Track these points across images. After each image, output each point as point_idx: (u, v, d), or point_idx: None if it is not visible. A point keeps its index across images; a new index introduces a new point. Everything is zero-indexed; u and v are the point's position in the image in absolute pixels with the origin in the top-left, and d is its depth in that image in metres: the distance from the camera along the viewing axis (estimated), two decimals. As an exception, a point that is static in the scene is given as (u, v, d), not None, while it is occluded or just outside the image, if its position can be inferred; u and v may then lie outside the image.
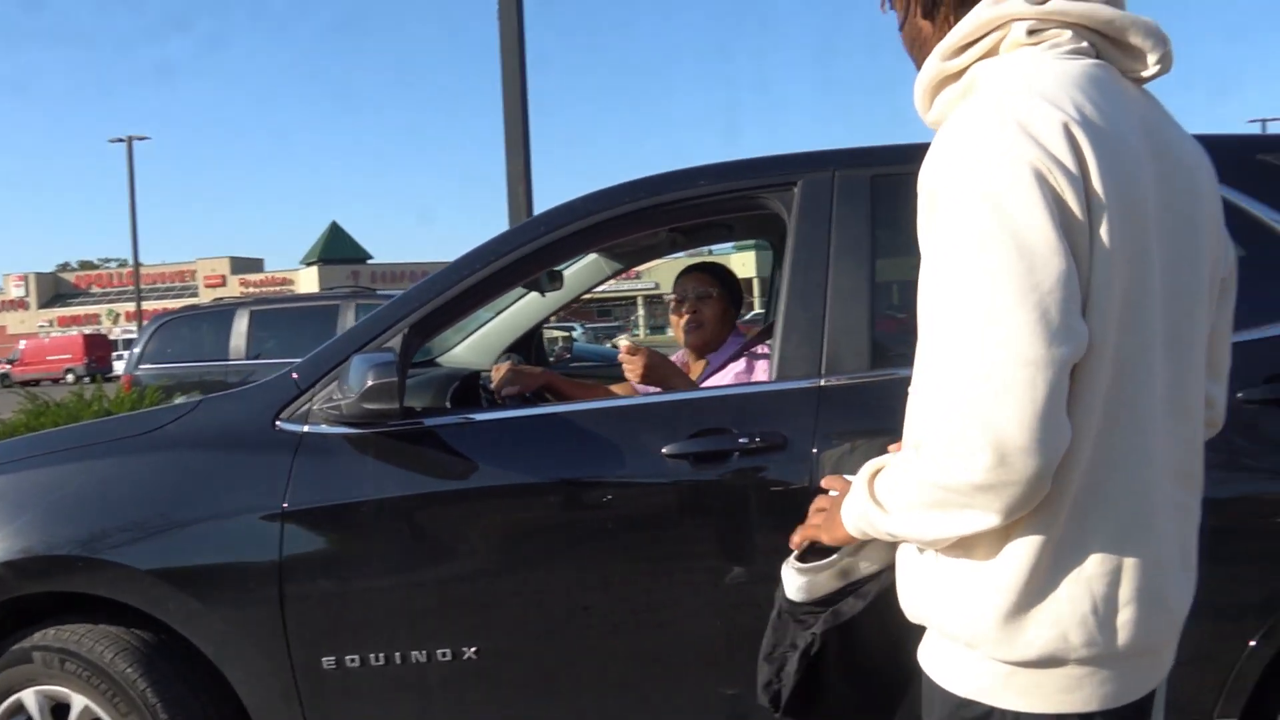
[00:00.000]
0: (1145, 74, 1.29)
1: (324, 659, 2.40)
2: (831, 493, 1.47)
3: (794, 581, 1.48)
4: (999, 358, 1.09)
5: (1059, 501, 1.18)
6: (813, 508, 1.48)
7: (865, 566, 1.45)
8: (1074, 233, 1.14)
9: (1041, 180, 1.13)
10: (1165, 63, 1.29)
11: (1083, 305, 1.14)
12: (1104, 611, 1.19)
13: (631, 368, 2.93)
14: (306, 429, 2.48)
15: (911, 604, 1.33)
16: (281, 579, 2.41)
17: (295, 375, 2.57)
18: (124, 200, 44.06)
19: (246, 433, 2.53)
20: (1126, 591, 1.20)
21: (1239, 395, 2.25)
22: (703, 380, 3.03)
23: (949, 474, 1.13)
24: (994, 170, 1.13)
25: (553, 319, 4.36)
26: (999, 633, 1.19)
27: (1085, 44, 1.26)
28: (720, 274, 3.29)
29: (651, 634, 2.39)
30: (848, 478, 1.48)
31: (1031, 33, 1.25)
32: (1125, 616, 1.20)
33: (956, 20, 1.30)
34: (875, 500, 1.26)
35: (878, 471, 1.29)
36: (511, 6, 7.47)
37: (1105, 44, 1.27)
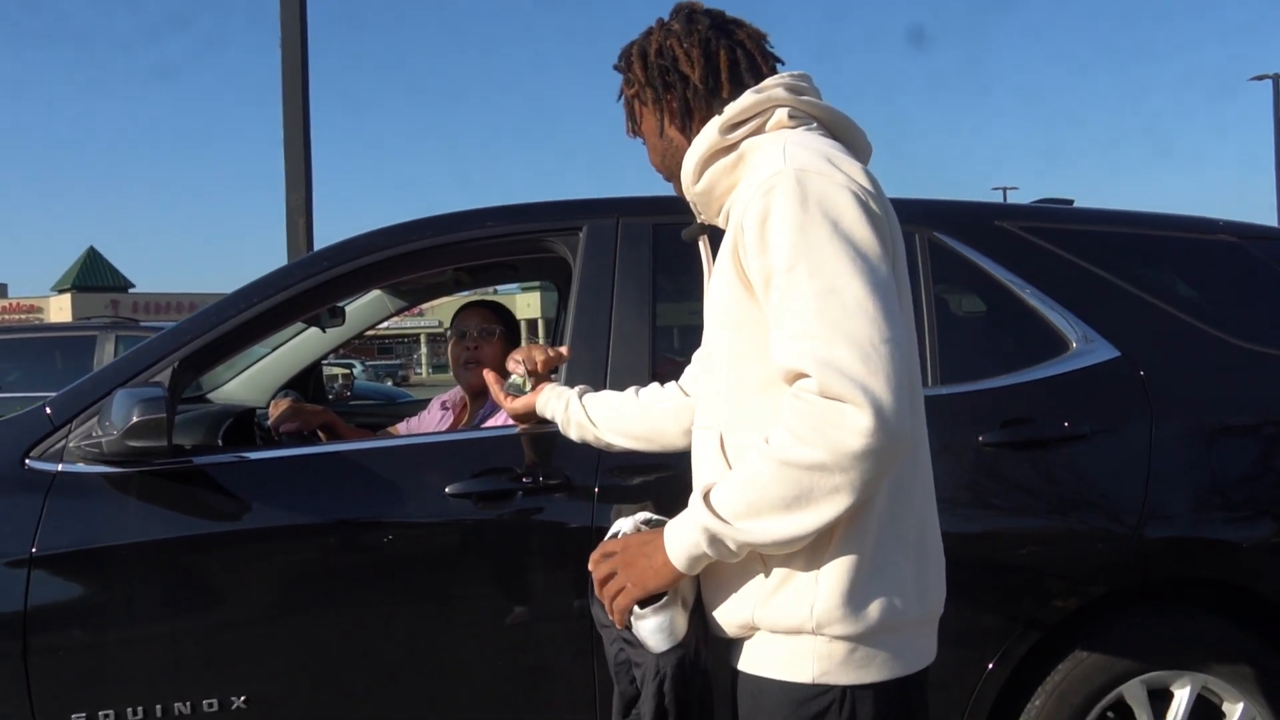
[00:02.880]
0: None
1: (73, 715, 2.24)
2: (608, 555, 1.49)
3: (652, 629, 1.44)
4: (864, 336, 1.30)
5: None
6: (600, 575, 1.49)
7: (690, 597, 1.48)
8: (886, 251, 1.39)
9: (864, 205, 1.39)
10: (869, 158, 1.61)
11: None
12: (918, 580, 1.46)
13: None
14: (60, 468, 2.33)
15: (735, 614, 1.45)
16: (26, 630, 2.23)
17: (49, 410, 2.41)
18: None
19: None
20: (929, 563, 1.49)
21: (980, 439, 2.47)
22: (482, 419, 3.03)
23: (826, 446, 1.28)
24: (827, 195, 1.37)
25: (332, 355, 4.26)
26: (842, 610, 1.39)
27: (824, 133, 1.56)
28: (501, 312, 3.30)
29: (432, 676, 2.36)
30: (620, 532, 1.53)
31: (791, 117, 1.53)
32: (931, 583, 1.50)
33: (702, 126, 1.56)
34: (719, 516, 1.36)
35: (708, 491, 1.40)
36: (294, 33, 7.26)
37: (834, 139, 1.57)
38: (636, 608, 1.45)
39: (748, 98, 1.52)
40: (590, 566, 1.53)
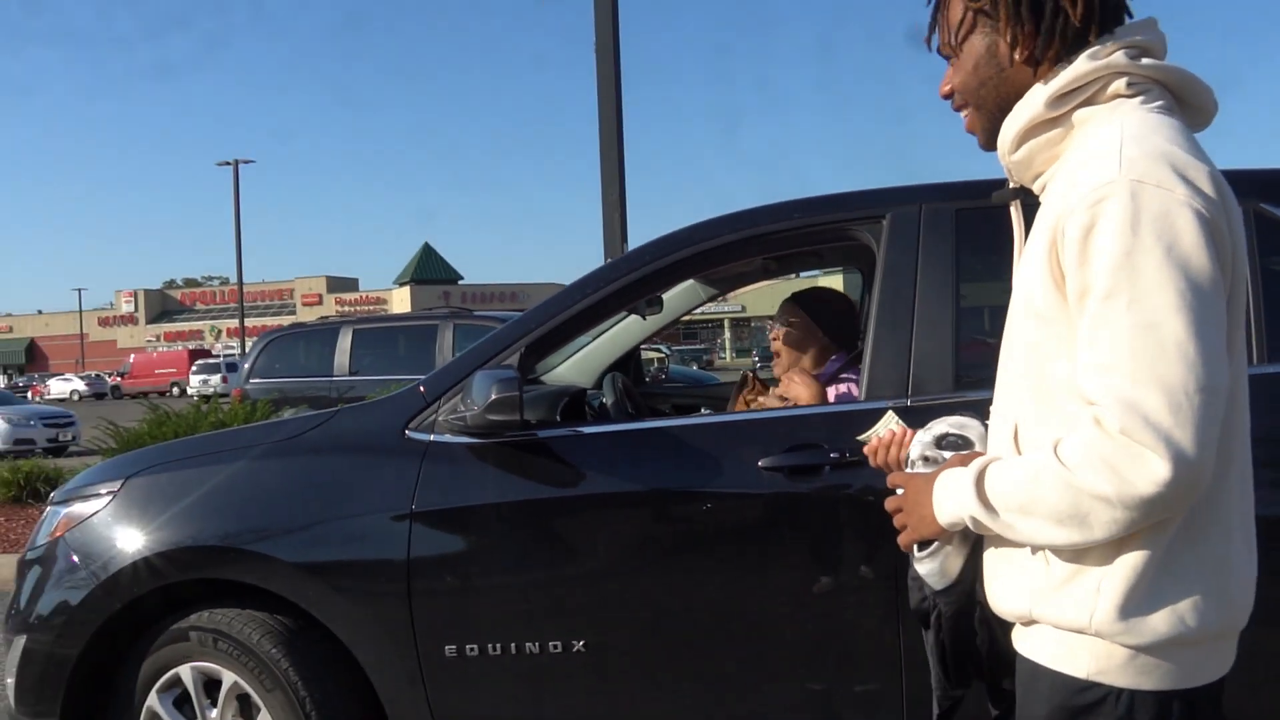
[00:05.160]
0: (1200, 129, 1.48)
1: (446, 647, 2.64)
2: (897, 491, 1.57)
3: (928, 570, 1.56)
4: (1179, 383, 1.22)
5: None
6: (890, 508, 1.57)
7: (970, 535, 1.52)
8: (1225, 274, 1.31)
9: (1207, 225, 1.28)
10: (1213, 118, 1.48)
11: None
12: (1220, 592, 1.35)
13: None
14: (432, 438, 2.73)
15: (1013, 604, 1.43)
16: (410, 574, 2.65)
17: (422, 389, 2.82)
18: (225, 220, 46.08)
19: (379, 440, 2.79)
20: (1235, 573, 1.38)
21: (1312, 422, 2.36)
22: None
23: (1115, 483, 1.23)
24: (1165, 214, 1.27)
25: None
26: (1125, 622, 1.32)
27: (1165, 100, 1.43)
28: (808, 304, 3.38)
29: (747, 634, 2.57)
30: (917, 451, 1.60)
31: (1130, 85, 1.41)
32: (1236, 595, 1.38)
33: (1054, 69, 1.43)
34: (987, 504, 1.36)
35: (984, 469, 1.39)
36: (609, 46, 7.73)
37: (1177, 103, 1.46)
38: (915, 548, 1.55)
39: (1082, 65, 1.40)
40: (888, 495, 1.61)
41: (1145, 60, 1.42)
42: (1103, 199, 1.29)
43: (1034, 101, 1.43)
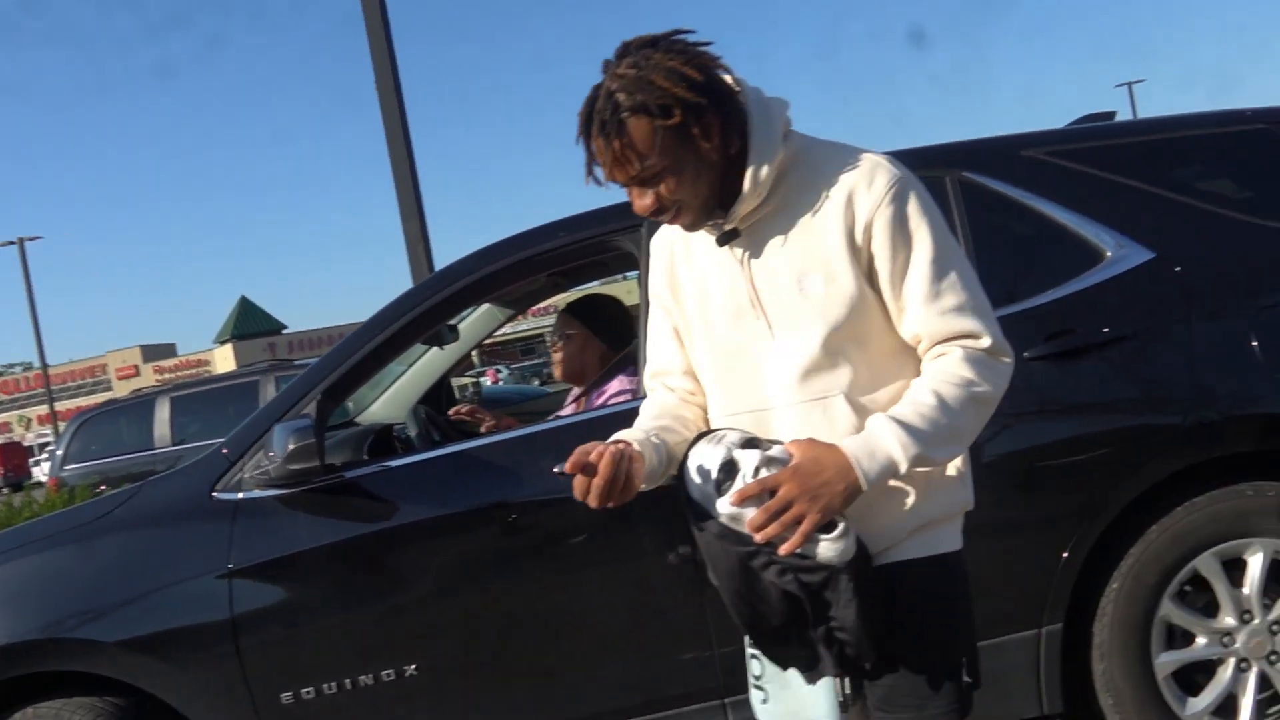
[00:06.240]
0: None
1: (282, 695, 2.71)
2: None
3: (840, 550, 1.58)
4: (989, 307, 1.68)
5: None
6: (775, 507, 1.56)
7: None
8: None
9: None
10: None
11: None
12: None
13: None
14: (241, 496, 2.80)
15: (905, 522, 1.69)
16: (235, 631, 2.71)
17: (225, 450, 2.88)
18: (19, 302, 43.22)
19: (188, 506, 2.83)
20: None
21: (1025, 355, 2.69)
22: (589, 405, 3.38)
23: (999, 386, 1.66)
24: (928, 196, 1.68)
25: (477, 360, 4.67)
26: (971, 495, 1.78)
27: None
28: (581, 313, 3.57)
29: (568, 628, 2.74)
30: (736, 464, 1.62)
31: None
32: None
33: (739, 140, 1.64)
34: (926, 442, 1.60)
35: (897, 421, 1.60)
36: (389, 84, 7.77)
37: None
38: (819, 534, 1.58)
39: (785, 107, 1.70)
40: (733, 503, 1.60)
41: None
42: (902, 191, 1.64)
43: (781, 146, 1.65)
